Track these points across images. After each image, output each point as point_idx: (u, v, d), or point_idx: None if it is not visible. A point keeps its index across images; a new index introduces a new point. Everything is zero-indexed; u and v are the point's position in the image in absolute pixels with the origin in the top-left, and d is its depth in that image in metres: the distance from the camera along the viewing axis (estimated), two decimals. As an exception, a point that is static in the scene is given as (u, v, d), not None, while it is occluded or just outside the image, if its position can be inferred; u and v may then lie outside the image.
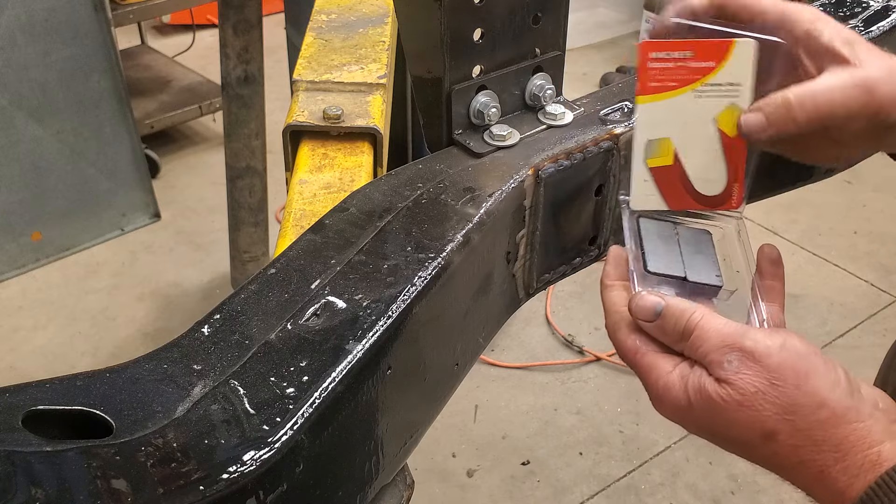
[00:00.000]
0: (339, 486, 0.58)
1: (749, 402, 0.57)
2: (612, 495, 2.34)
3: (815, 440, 0.56)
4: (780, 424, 0.57)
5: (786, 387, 0.57)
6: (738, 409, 0.58)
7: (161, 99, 3.71)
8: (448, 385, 0.72)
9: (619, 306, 0.67)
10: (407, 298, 0.60)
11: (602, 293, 0.69)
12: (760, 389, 0.57)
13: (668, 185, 0.73)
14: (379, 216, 0.69)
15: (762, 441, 0.58)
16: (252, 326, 0.58)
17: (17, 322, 2.91)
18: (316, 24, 1.26)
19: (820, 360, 0.58)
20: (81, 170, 3.09)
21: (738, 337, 0.59)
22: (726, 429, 0.59)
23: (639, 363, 0.64)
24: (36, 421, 0.49)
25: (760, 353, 0.58)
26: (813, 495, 0.59)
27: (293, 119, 1.02)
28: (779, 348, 0.58)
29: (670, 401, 0.61)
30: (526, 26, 0.79)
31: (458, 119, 0.79)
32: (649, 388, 0.63)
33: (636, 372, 0.65)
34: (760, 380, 0.57)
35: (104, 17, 2.93)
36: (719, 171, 0.73)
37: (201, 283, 3.09)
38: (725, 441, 0.61)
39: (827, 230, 3.27)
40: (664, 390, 0.62)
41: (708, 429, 0.61)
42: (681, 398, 0.60)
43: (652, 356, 0.63)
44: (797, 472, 0.59)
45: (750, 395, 0.57)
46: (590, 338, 2.84)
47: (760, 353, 0.58)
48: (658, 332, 0.63)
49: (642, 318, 0.64)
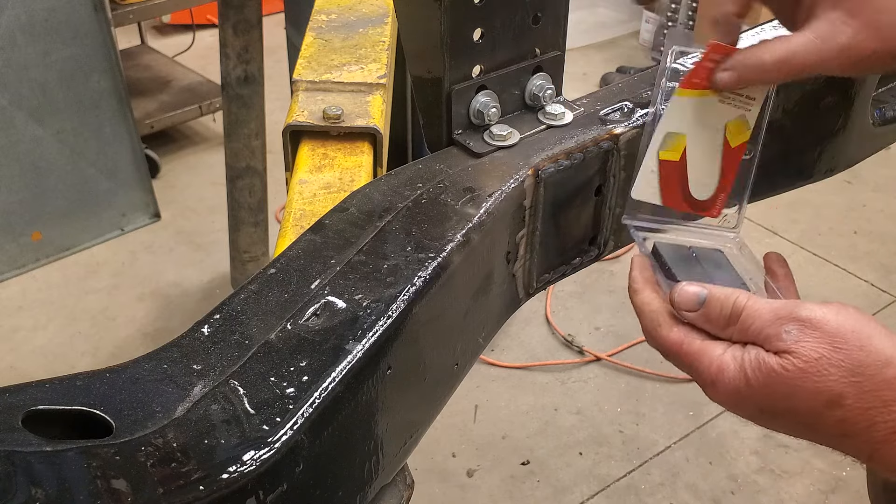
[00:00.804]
0: (339, 486, 0.58)
1: (813, 369, 0.56)
2: (612, 495, 2.34)
3: (885, 400, 0.55)
4: (846, 388, 0.55)
5: (849, 349, 0.56)
6: (802, 377, 0.56)
7: (161, 99, 3.72)
8: (448, 385, 0.72)
9: (653, 305, 0.67)
10: (407, 298, 0.60)
11: (633, 298, 0.69)
12: (824, 354, 0.56)
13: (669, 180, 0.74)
14: (379, 216, 0.69)
15: (827, 408, 0.56)
16: (252, 326, 0.58)
17: (17, 322, 2.91)
18: (316, 24, 1.26)
19: (878, 323, 0.58)
20: (81, 170, 3.09)
21: (791, 309, 0.59)
22: (788, 400, 0.58)
23: (686, 352, 0.63)
24: (36, 421, 0.49)
25: (818, 319, 0.57)
26: (877, 459, 0.57)
27: (293, 119, 1.02)
28: (835, 314, 0.58)
29: (725, 383, 0.60)
30: (526, 26, 0.79)
31: (458, 119, 0.79)
32: (701, 373, 0.62)
33: (684, 363, 0.64)
34: (823, 345, 0.56)
35: (104, 17, 2.93)
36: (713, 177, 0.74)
37: (201, 283, 3.09)
38: (787, 415, 0.59)
39: (827, 230, 3.27)
40: (718, 372, 0.61)
41: (768, 405, 0.60)
42: (737, 377, 0.59)
43: (699, 343, 0.63)
44: (863, 438, 0.57)
45: (814, 361, 0.56)
46: (590, 338, 2.84)
47: (818, 320, 0.57)
48: (703, 320, 0.63)
49: (686, 308, 0.63)
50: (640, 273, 0.70)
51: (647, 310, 0.67)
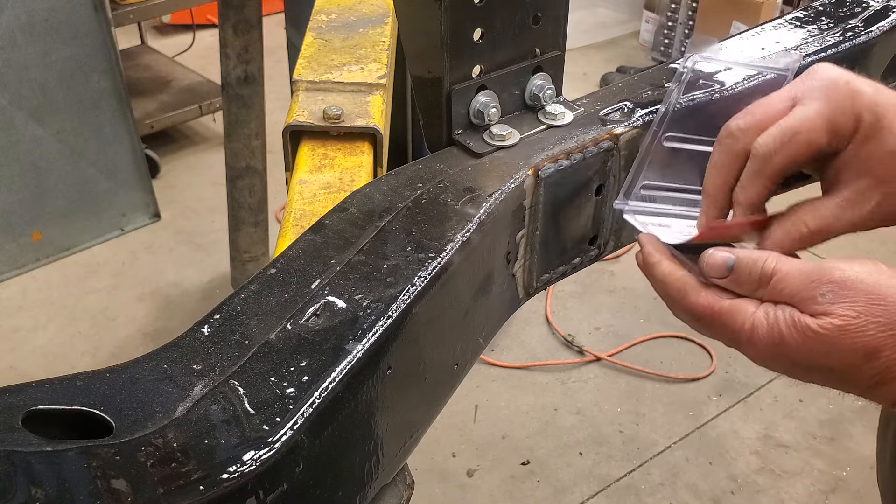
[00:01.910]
0: (339, 486, 0.58)
1: (853, 327, 0.57)
2: (612, 495, 2.34)
3: None
4: (884, 341, 0.56)
5: (887, 304, 0.57)
6: (840, 335, 0.57)
7: (161, 99, 3.72)
8: (448, 385, 0.72)
9: (677, 273, 0.67)
10: (407, 298, 0.60)
11: (653, 272, 0.69)
12: (861, 312, 0.57)
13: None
14: (379, 216, 0.69)
15: (865, 360, 0.57)
16: (252, 326, 0.58)
17: (17, 322, 2.91)
18: (316, 24, 1.26)
19: None
20: (81, 170, 3.09)
21: (824, 271, 0.59)
22: (826, 357, 0.59)
23: (719, 314, 0.63)
24: (36, 421, 0.49)
25: (852, 279, 0.58)
26: None
27: (293, 119, 1.02)
28: (868, 272, 0.58)
29: (761, 338, 0.61)
30: (526, 26, 0.79)
31: (458, 119, 0.79)
32: (736, 331, 0.62)
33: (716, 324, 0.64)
34: (860, 304, 0.57)
35: (104, 17, 2.93)
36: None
37: (201, 283, 3.09)
38: (823, 371, 0.60)
39: (827, 230, 3.26)
40: (752, 329, 0.61)
41: (804, 361, 0.60)
42: (772, 334, 0.60)
43: (728, 302, 0.63)
44: None
45: (852, 319, 0.57)
46: (590, 338, 2.84)
47: (853, 280, 0.58)
48: (732, 285, 0.64)
49: (715, 275, 0.64)
50: (652, 247, 0.70)
51: (670, 280, 0.67)
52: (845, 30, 0.91)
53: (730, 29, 4.19)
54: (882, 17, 0.93)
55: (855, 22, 0.92)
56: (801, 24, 0.93)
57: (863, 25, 0.91)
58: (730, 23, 4.23)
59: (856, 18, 0.93)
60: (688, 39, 4.54)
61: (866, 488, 2.33)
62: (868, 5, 0.95)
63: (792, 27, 0.93)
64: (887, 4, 0.95)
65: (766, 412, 2.58)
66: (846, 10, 0.94)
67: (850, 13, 0.94)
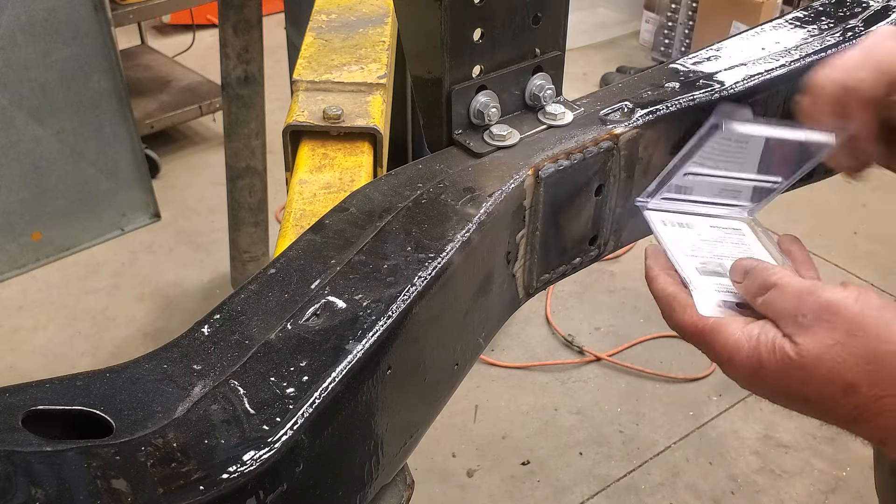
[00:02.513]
0: (339, 486, 0.58)
1: (828, 355, 0.56)
2: (612, 495, 2.34)
3: None
4: (859, 376, 0.56)
5: (866, 336, 0.56)
6: (816, 363, 0.57)
7: (161, 99, 3.72)
8: (448, 385, 0.72)
9: (668, 290, 0.69)
10: (407, 298, 0.60)
11: (651, 287, 0.71)
12: (839, 341, 0.56)
13: None
14: (379, 216, 0.69)
15: (843, 395, 0.57)
16: (252, 326, 0.58)
17: (17, 322, 2.91)
18: (316, 24, 1.26)
19: None
20: (81, 170, 3.09)
21: (813, 290, 0.60)
22: (803, 386, 0.58)
23: (702, 332, 0.65)
24: (36, 421, 0.49)
25: (836, 303, 0.58)
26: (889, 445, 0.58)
27: (293, 119, 1.02)
28: (854, 300, 0.58)
29: (741, 361, 0.61)
30: (526, 26, 0.79)
31: (458, 119, 0.79)
32: (717, 352, 0.63)
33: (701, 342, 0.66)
34: (838, 332, 0.57)
35: (104, 17, 2.93)
36: None
37: (201, 283, 3.09)
38: (801, 401, 0.60)
39: (827, 230, 3.27)
40: (734, 351, 0.62)
41: (782, 389, 0.60)
42: (752, 357, 0.60)
43: (713, 321, 0.64)
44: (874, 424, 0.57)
45: (828, 347, 0.57)
46: (590, 338, 2.84)
47: (836, 304, 0.58)
48: (743, 288, 0.66)
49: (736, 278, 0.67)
50: (654, 261, 0.72)
51: (661, 295, 0.70)
52: (845, 30, 0.91)
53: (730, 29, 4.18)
54: (882, 17, 0.93)
55: (855, 22, 0.92)
56: (801, 24, 0.93)
57: (863, 25, 0.91)
58: (730, 23, 4.23)
59: (856, 18, 0.93)
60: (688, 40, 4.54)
61: (866, 488, 2.32)
62: (868, 5, 0.95)
63: (792, 27, 0.93)
64: (887, 4, 0.95)
65: (766, 412, 2.58)
66: (846, 10, 0.94)
67: (850, 13, 0.94)
